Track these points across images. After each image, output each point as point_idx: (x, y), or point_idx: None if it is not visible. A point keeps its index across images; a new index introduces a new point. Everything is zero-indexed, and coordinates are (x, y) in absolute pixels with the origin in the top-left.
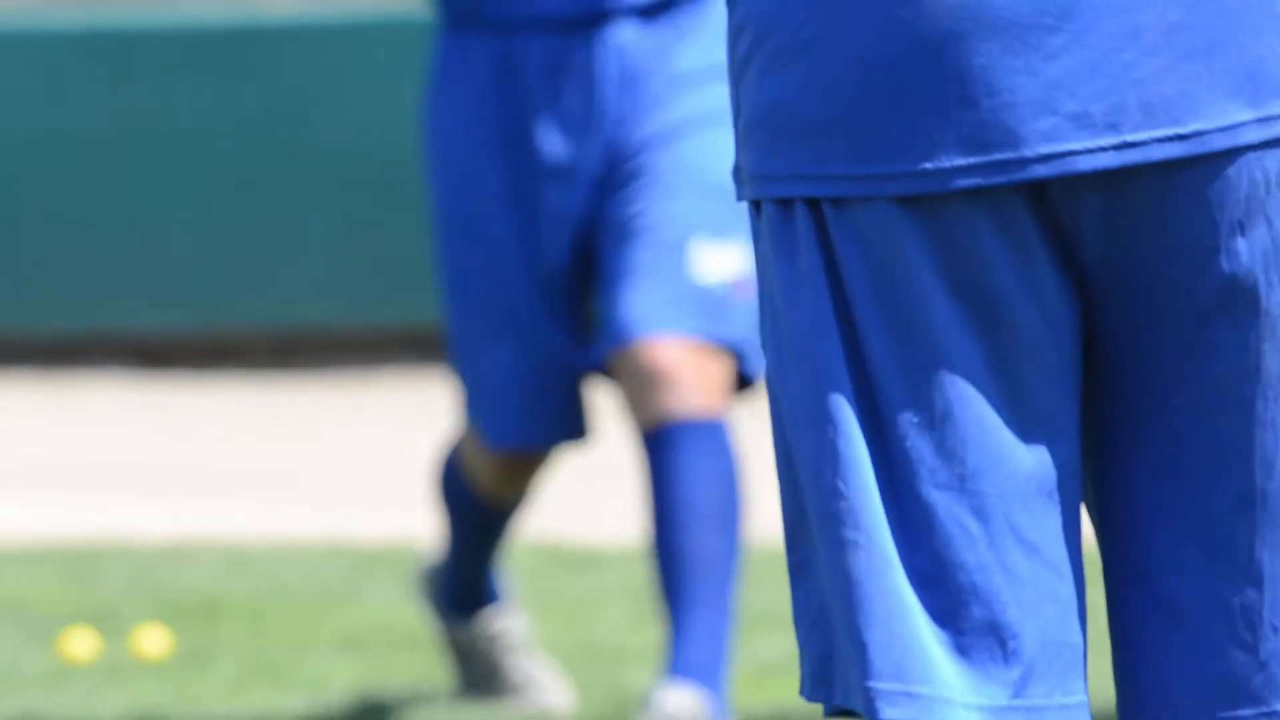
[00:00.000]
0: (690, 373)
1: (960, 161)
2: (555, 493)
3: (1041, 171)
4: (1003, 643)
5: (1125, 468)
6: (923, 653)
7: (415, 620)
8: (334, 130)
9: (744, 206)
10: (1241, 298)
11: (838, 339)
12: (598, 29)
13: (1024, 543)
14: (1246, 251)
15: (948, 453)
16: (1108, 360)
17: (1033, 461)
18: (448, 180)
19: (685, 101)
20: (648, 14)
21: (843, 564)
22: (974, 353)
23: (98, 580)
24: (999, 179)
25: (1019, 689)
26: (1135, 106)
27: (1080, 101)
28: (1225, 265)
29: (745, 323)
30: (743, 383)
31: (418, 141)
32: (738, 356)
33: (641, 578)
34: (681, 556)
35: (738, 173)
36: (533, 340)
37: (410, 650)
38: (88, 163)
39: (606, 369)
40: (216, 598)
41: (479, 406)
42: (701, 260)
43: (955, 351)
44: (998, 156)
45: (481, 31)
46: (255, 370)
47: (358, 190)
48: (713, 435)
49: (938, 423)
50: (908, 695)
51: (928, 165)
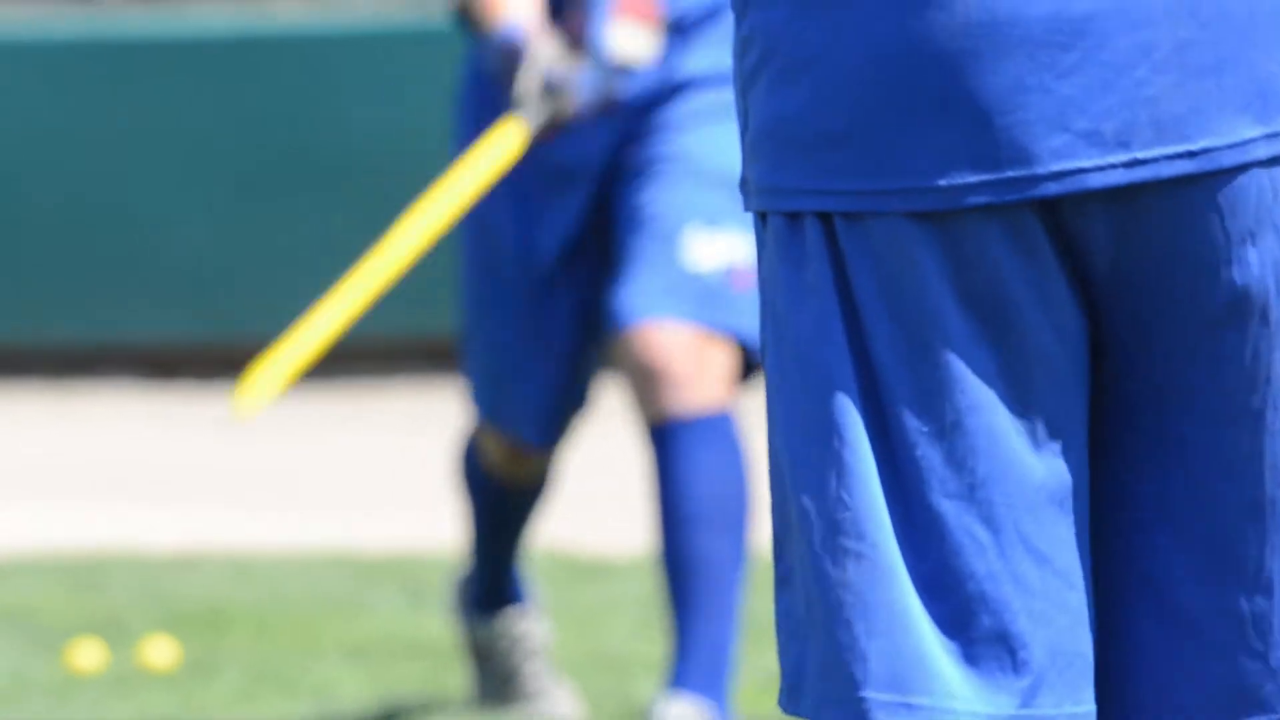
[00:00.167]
0: (688, 363)
1: (973, 179)
2: (565, 501)
3: (1053, 189)
4: (1012, 652)
5: (1134, 478)
6: (926, 663)
7: (421, 629)
8: (340, 138)
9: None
10: (1251, 307)
11: (845, 349)
12: None
13: (1034, 552)
14: (1257, 262)
15: (957, 462)
16: (1116, 372)
17: (1043, 471)
18: None
19: (688, 99)
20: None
21: (845, 574)
22: (985, 363)
23: (104, 590)
24: (1011, 196)
25: (1028, 698)
26: (1146, 123)
27: (1092, 119)
28: (1235, 276)
29: (744, 310)
30: (747, 371)
31: (424, 148)
32: (740, 345)
33: (652, 587)
34: (685, 563)
35: (744, 184)
36: (530, 332)
37: (416, 659)
38: (93, 172)
39: (610, 358)
40: (222, 607)
41: (486, 396)
42: (696, 248)
43: (966, 361)
44: (1010, 174)
45: None
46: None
47: (364, 198)
48: (715, 430)
49: (948, 432)
50: (906, 706)
51: (941, 182)
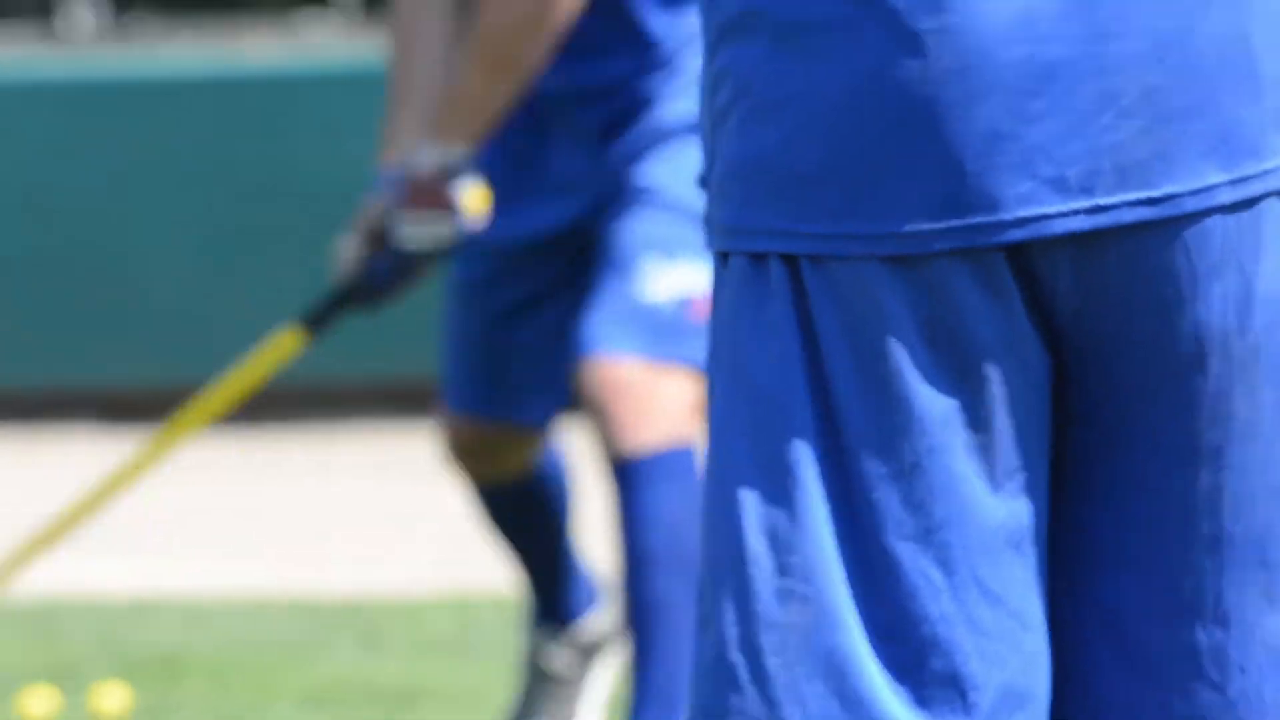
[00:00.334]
0: (641, 398)
1: (940, 224)
2: None
3: (1018, 235)
4: (963, 694)
5: (1093, 515)
6: (870, 707)
7: (377, 674)
8: (311, 179)
9: (696, 220)
10: (1214, 346)
11: (805, 390)
12: None
13: (988, 594)
14: (1219, 298)
15: (915, 504)
16: (1079, 410)
17: (1002, 512)
18: None
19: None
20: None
21: (789, 616)
22: (947, 405)
23: (58, 637)
24: (977, 241)
25: None
26: (1109, 170)
27: (1057, 165)
28: (1200, 314)
29: (701, 341)
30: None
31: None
32: (700, 375)
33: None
34: (642, 605)
35: (708, 221)
36: (491, 322)
37: (372, 705)
38: (56, 214)
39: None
40: (178, 654)
41: (444, 370)
42: (651, 279)
43: (928, 403)
44: (976, 220)
45: None
46: (222, 424)
47: (328, 244)
48: (672, 467)
49: (907, 473)
50: None
51: (909, 227)
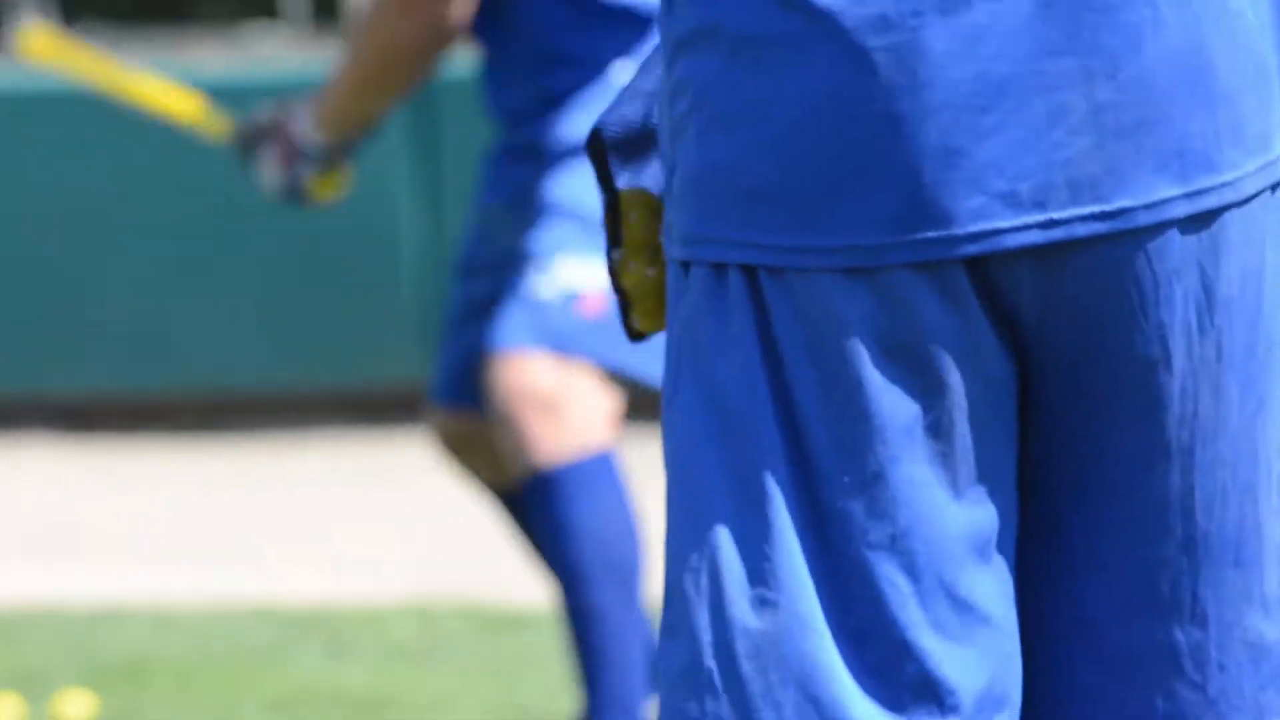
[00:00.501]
0: (549, 405)
1: (895, 238)
2: (482, 552)
3: (972, 249)
4: (939, 699)
5: (1067, 520)
6: (845, 713)
7: (342, 681)
8: (258, 192)
9: (596, 226)
10: (1177, 345)
11: (769, 400)
12: None
13: (956, 601)
14: (1181, 300)
15: (878, 513)
16: (1047, 416)
17: (965, 519)
18: None
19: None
20: None
21: (761, 623)
22: (908, 414)
23: (22, 644)
24: (933, 255)
25: None
26: (1062, 185)
27: (1009, 180)
28: (1162, 315)
29: (594, 335)
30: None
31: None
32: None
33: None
34: (580, 620)
35: (669, 230)
36: (459, 298)
37: (337, 711)
38: (9, 224)
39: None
40: (143, 661)
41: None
42: (540, 277)
43: (888, 413)
44: (930, 234)
45: None
46: (182, 433)
47: (285, 252)
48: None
49: (869, 482)
50: None
51: (864, 240)
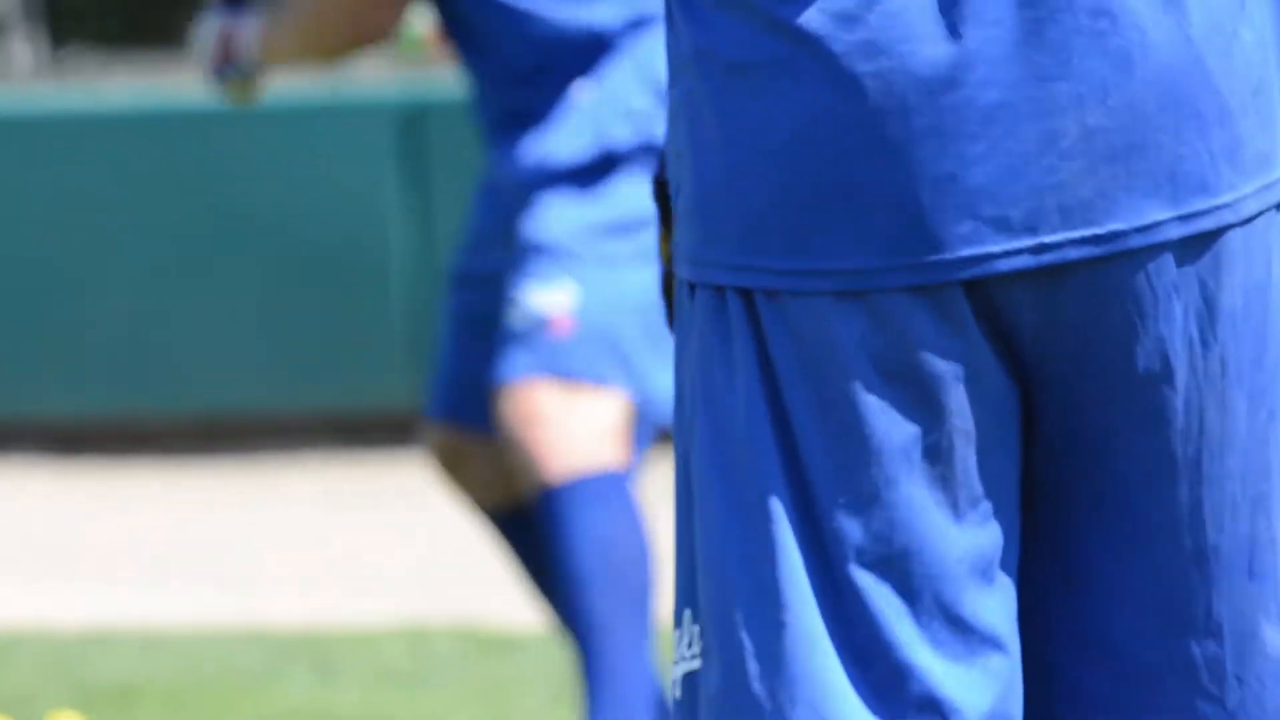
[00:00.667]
0: (552, 423)
1: (886, 262)
2: (472, 574)
3: (964, 274)
4: (944, 717)
5: (1077, 538)
6: None
7: (332, 704)
8: (253, 212)
9: (567, 251)
10: (1179, 359)
11: (768, 424)
12: None
13: (956, 622)
14: (1181, 313)
15: (875, 534)
16: (1052, 435)
17: (967, 541)
18: None
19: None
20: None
21: (768, 645)
22: (905, 436)
23: (13, 667)
24: (924, 279)
25: None
26: (1053, 209)
27: (999, 206)
28: (1162, 329)
29: (568, 352)
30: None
31: (337, 221)
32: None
33: (561, 661)
34: (583, 629)
35: (677, 249)
36: (454, 311)
37: None
38: (4, 250)
39: None
40: (134, 684)
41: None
42: (520, 304)
43: (885, 435)
44: (922, 259)
45: None
46: (173, 455)
47: (277, 274)
48: (593, 491)
49: (866, 504)
50: None
51: (857, 264)
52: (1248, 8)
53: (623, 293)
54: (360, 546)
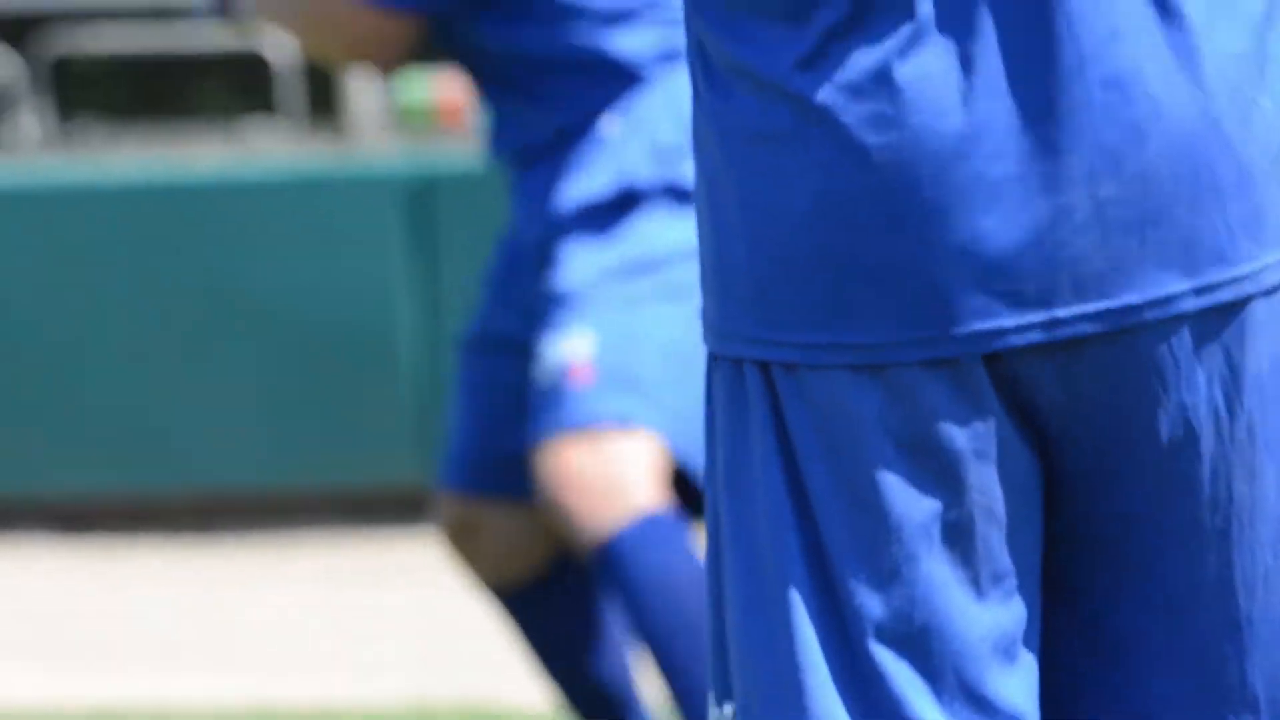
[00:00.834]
0: (588, 479)
1: (900, 336)
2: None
3: (978, 348)
4: None
5: (1107, 613)
6: None
7: None
8: (261, 287)
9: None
10: (1204, 427)
11: (786, 497)
12: None
13: (977, 700)
14: (1205, 380)
15: (896, 611)
16: (1077, 509)
17: (989, 619)
18: None
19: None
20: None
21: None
22: (925, 512)
23: None
24: (941, 353)
25: None
26: (1066, 283)
27: (1011, 280)
28: (1185, 397)
29: (593, 400)
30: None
31: (346, 296)
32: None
33: None
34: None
35: (701, 316)
36: (474, 380)
37: None
38: (6, 328)
39: None
40: None
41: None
42: (542, 360)
43: (904, 511)
44: (936, 332)
45: None
46: (179, 533)
47: (283, 349)
48: (642, 539)
49: (886, 581)
50: None
51: (873, 338)
52: (1268, 75)
53: (643, 331)
54: (366, 625)
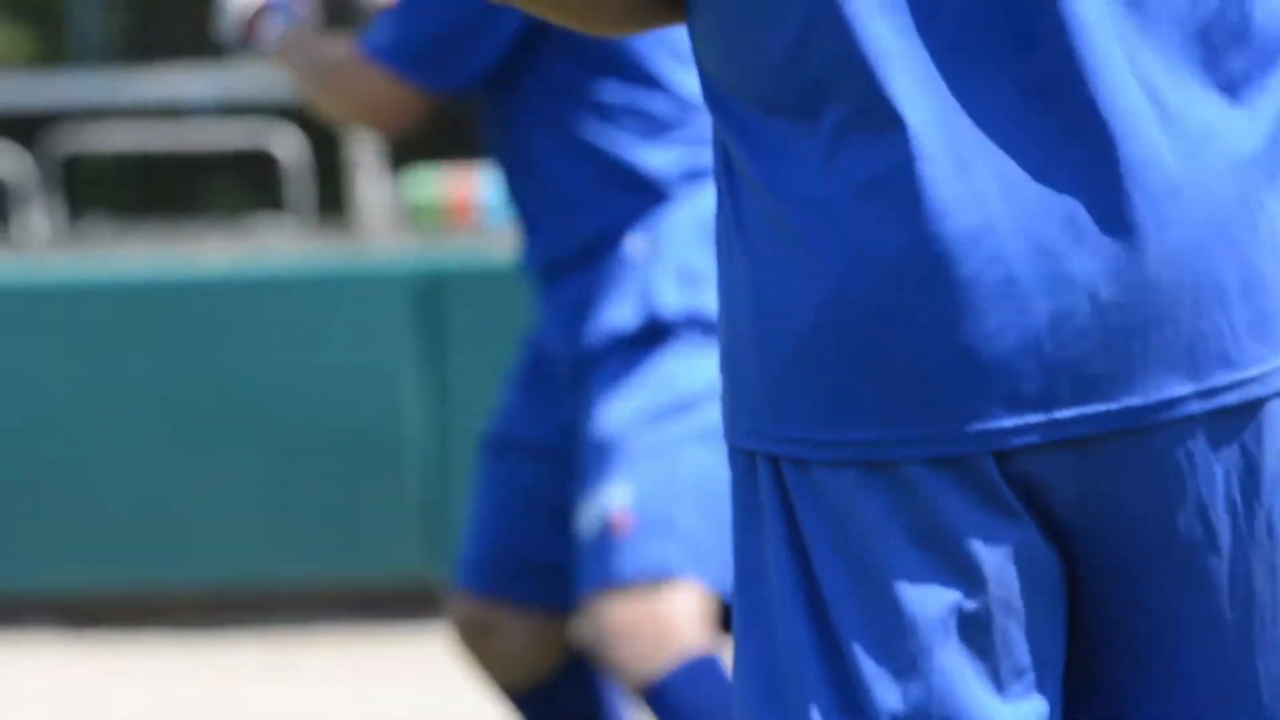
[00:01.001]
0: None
1: (906, 434)
2: None
3: (979, 447)
4: None
5: (1131, 710)
6: None
7: None
8: (267, 384)
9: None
10: (1222, 524)
11: (798, 591)
12: None
13: None
14: (1223, 477)
15: (913, 704)
16: (1099, 606)
17: (1009, 714)
18: None
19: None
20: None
21: None
22: (941, 606)
23: None
24: (946, 451)
25: None
26: (1066, 385)
27: (1012, 381)
28: (1203, 494)
29: (634, 551)
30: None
31: (352, 394)
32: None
33: None
34: None
35: (721, 408)
36: (495, 482)
37: None
38: (11, 417)
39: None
40: None
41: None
42: (583, 513)
43: (919, 605)
44: (942, 430)
45: None
46: (186, 629)
47: (291, 445)
48: (688, 678)
49: (903, 675)
50: None
51: (881, 435)
52: (1278, 178)
53: (678, 476)
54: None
